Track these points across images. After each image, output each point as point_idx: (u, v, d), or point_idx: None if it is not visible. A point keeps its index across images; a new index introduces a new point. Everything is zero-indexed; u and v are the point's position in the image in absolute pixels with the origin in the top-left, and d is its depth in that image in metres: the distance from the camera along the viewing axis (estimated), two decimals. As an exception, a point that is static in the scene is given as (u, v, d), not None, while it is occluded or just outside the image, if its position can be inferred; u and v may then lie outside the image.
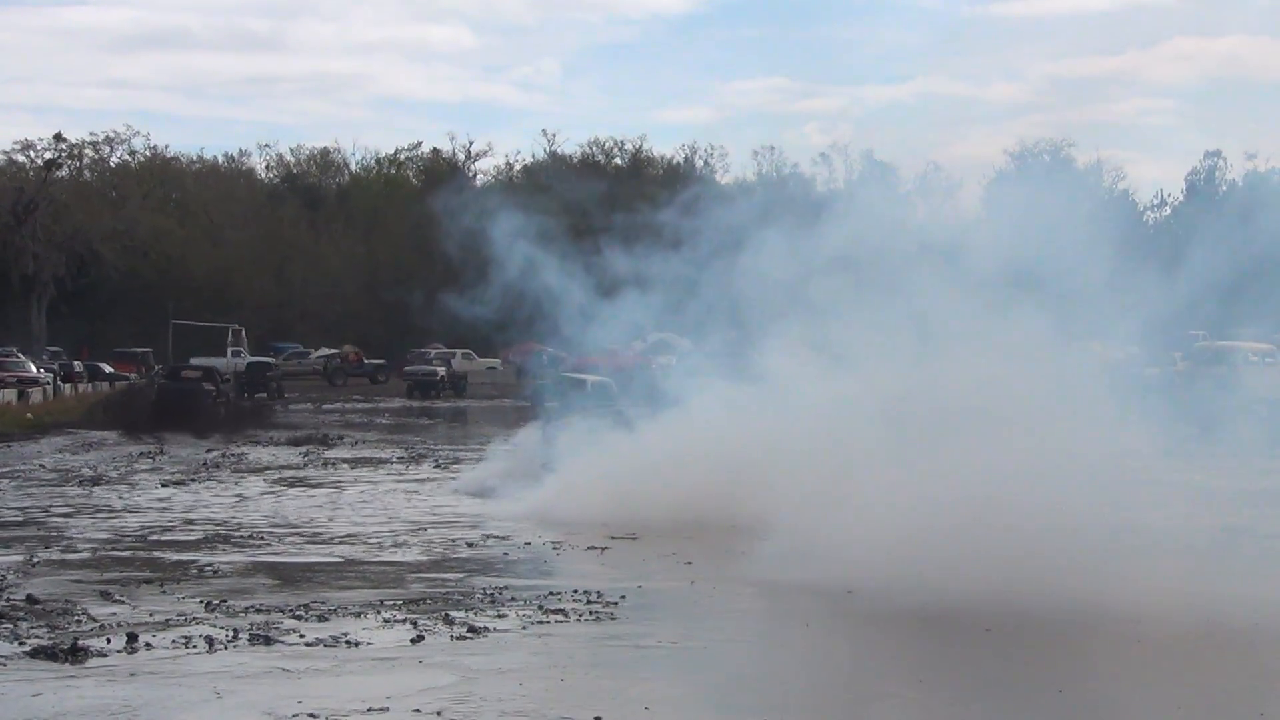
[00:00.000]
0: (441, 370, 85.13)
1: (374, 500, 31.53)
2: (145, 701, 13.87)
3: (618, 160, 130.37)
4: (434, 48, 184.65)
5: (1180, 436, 24.42)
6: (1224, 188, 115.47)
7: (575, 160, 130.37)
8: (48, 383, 66.97)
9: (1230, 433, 27.31)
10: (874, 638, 17.74)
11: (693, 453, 27.90)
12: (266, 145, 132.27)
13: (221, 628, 17.04)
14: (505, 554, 23.67)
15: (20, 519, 28.02)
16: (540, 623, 17.74)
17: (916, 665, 16.12)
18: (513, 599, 19.16)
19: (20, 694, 14.24)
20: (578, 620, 17.93)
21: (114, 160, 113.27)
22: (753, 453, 26.42)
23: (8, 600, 18.78)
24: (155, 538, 25.46)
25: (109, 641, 16.27)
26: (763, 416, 27.63)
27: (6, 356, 72.28)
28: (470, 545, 24.56)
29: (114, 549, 24.03)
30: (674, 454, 28.08)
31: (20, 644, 16.16)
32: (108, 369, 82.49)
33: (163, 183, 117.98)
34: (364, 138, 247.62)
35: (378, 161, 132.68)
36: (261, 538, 25.36)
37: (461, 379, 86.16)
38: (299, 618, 17.76)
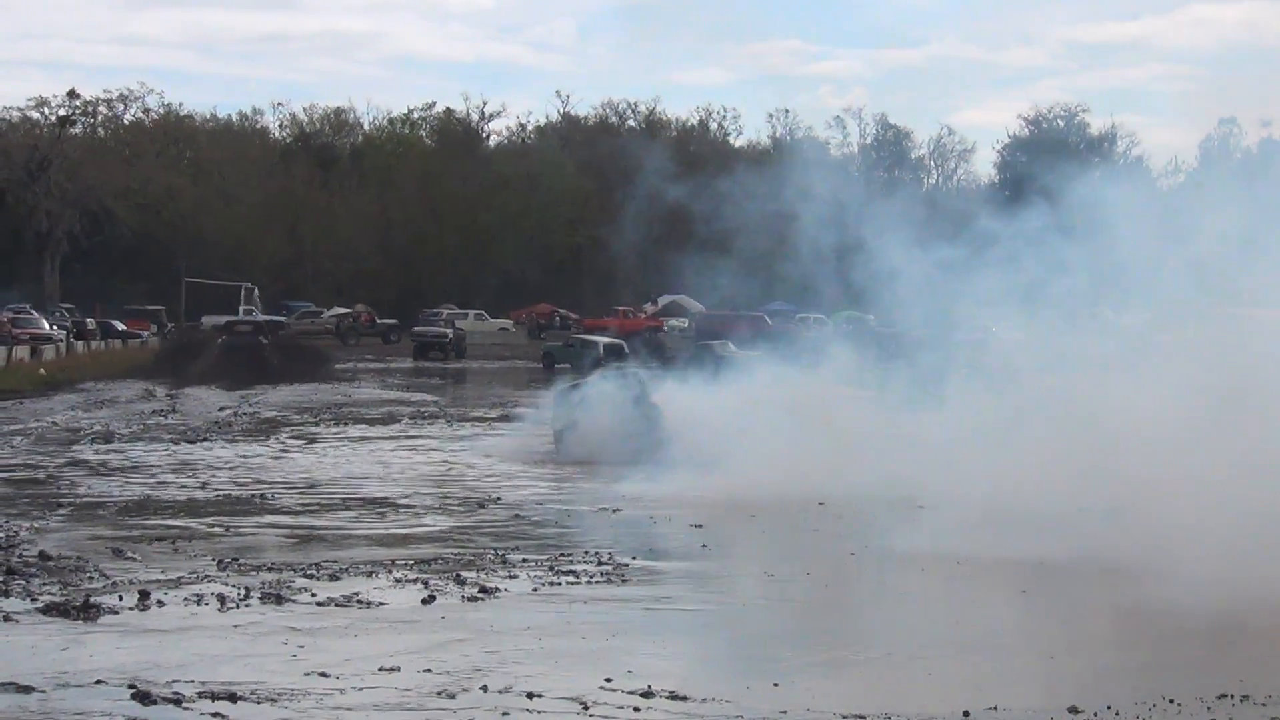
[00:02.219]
0: (449, 332, 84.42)
1: (381, 459, 31.55)
2: (156, 661, 13.91)
3: (631, 122, 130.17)
4: (450, 6, 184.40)
5: None
6: (1238, 155, 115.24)
7: (589, 121, 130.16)
8: (60, 339, 67.05)
9: None
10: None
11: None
12: (280, 104, 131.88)
13: (233, 586, 17.09)
14: (518, 516, 23.70)
15: (32, 476, 28.09)
16: (552, 584, 17.78)
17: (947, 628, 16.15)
18: (524, 560, 19.20)
19: (51, 647, 14.35)
20: (589, 582, 17.96)
21: (128, 118, 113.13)
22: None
23: (20, 557, 18.84)
24: (166, 496, 25.51)
25: (121, 599, 16.32)
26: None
27: (19, 313, 72.36)
28: (481, 506, 24.60)
29: (125, 507, 24.10)
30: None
31: (33, 600, 16.21)
32: (120, 326, 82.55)
33: (176, 141, 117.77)
34: (378, 97, 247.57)
35: (390, 121, 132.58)
36: (272, 496, 25.40)
37: (461, 340, 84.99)
38: (310, 577, 17.81)
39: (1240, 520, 17.85)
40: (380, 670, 13.55)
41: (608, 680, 13.37)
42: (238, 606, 16.16)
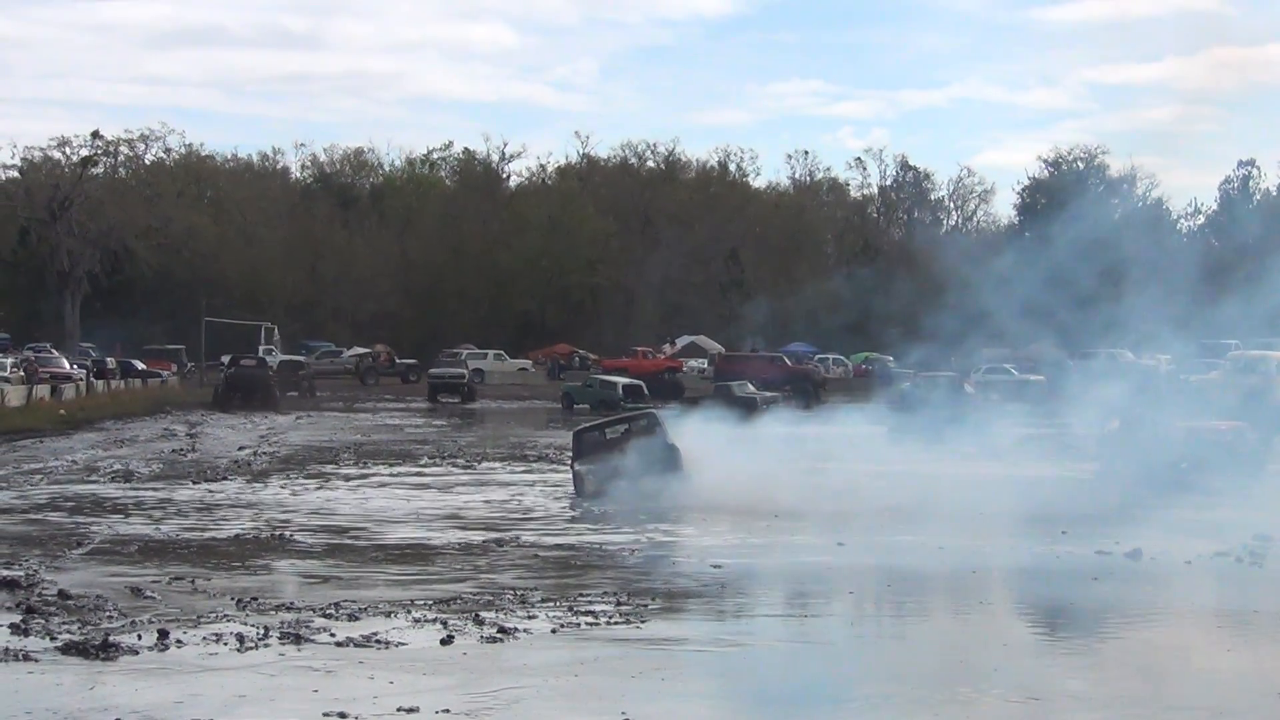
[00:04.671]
0: (466, 373, 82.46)
1: (399, 498, 31.50)
2: (175, 700, 13.90)
3: (650, 163, 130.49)
4: (473, 47, 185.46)
5: None
6: (1257, 196, 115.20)
7: (609, 163, 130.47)
8: (81, 379, 67.21)
9: None
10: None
11: None
12: (301, 144, 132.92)
13: (252, 625, 17.06)
14: (538, 556, 23.67)
15: (51, 515, 28.12)
16: (571, 624, 17.72)
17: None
18: (543, 600, 19.15)
19: (70, 687, 14.33)
20: (608, 622, 17.90)
21: (149, 158, 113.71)
22: None
23: (40, 595, 18.86)
24: (185, 535, 25.52)
25: (140, 638, 16.30)
26: None
27: (40, 352, 72.58)
28: (500, 545, 24.54)
29: (144, 545, 24.10)
30: None
31: (52, 639, 16.21)
32: (140, 366, 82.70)
33: (197, 180, 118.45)
34: (398, 137, 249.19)
35: (410, 162, 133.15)
36: (290, 536, 25.38)
37: (472, 383, 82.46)
38: (329, 616, 17.78)
39: None
40: (399, 710, 13.51)
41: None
42: (256, 646, 16.13)
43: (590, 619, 18.04)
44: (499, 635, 16.95)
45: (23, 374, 60.89)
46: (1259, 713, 14.24)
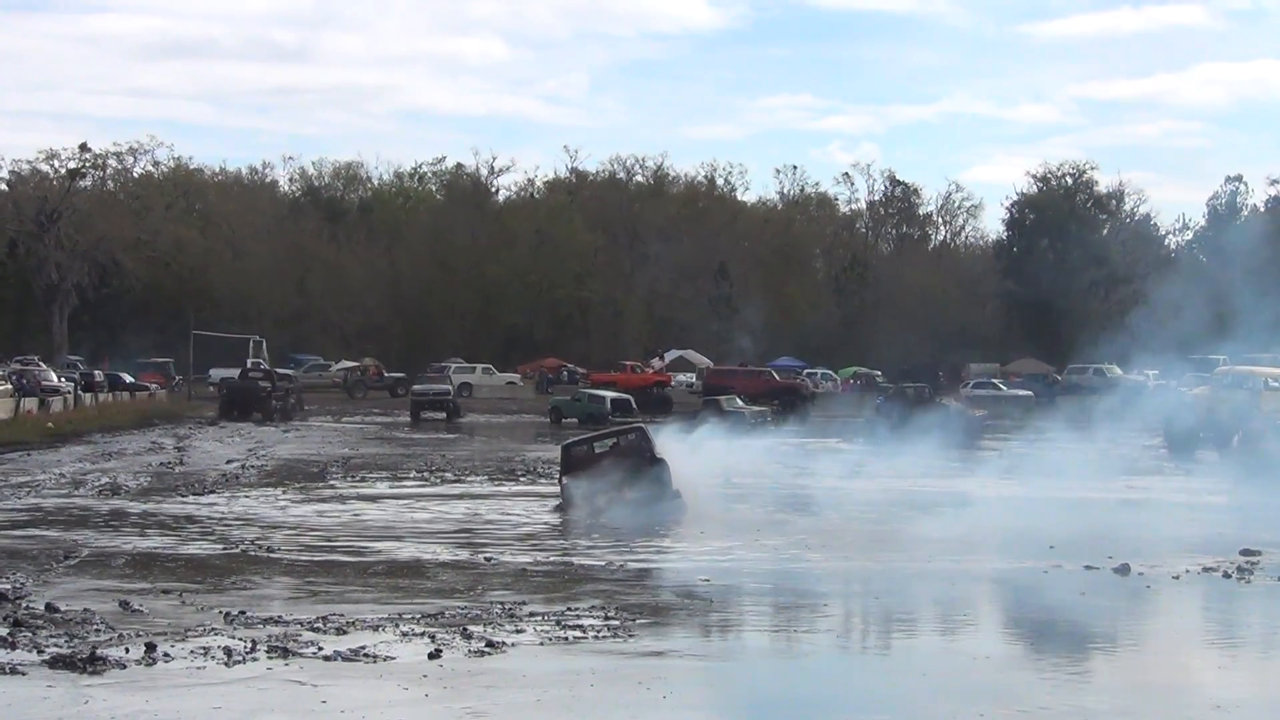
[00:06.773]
0: (450, 389, 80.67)
1: (387, 513, 31.46)
2: (162, 714, 13.90)
3: (639, 177, 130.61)
4: (463, 60, 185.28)
5: None
6: (1245, 212, 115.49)
7: (598, 177, 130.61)
8: (68, 392, 67.09)
9: None
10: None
11: None
12: (290, 158, 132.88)
13: (240, 639, 17.06)
14: (525, 571, 23.66)
15: (39, 529, 28.07)
16: (558, 638, 17.74)
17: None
18: (531, 614, 19.16)
19: (58, 701, 14.36)
20: (595, 637, 17.92)
21: (137, 170, 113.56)
22: None
23: (27, 609, 18.84)
24: (173, 549, 25.49)
25: (127, 651, 16.30)
26: None
27: (28, 365, 72.40)
28: (488, 560, 24.54)
29: (132, 559, 24.07)
30: None
31: (40, 652, 16.21)
32: (128, 379, 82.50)
33: (185, 193, 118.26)
34: (387, 151, 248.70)
35: (398, 175, 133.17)
36: (277, 549, 25.36)
37: (456, 400, 78.38)
38: (317, 630, 17.78)
39: None
40: (386, 724, 13.55)
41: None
42: (244, 660, 16.13)
43: (578, 632, 18.07)
44: (487, 649, 16.97)
45: (9, 387, 60.74)
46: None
